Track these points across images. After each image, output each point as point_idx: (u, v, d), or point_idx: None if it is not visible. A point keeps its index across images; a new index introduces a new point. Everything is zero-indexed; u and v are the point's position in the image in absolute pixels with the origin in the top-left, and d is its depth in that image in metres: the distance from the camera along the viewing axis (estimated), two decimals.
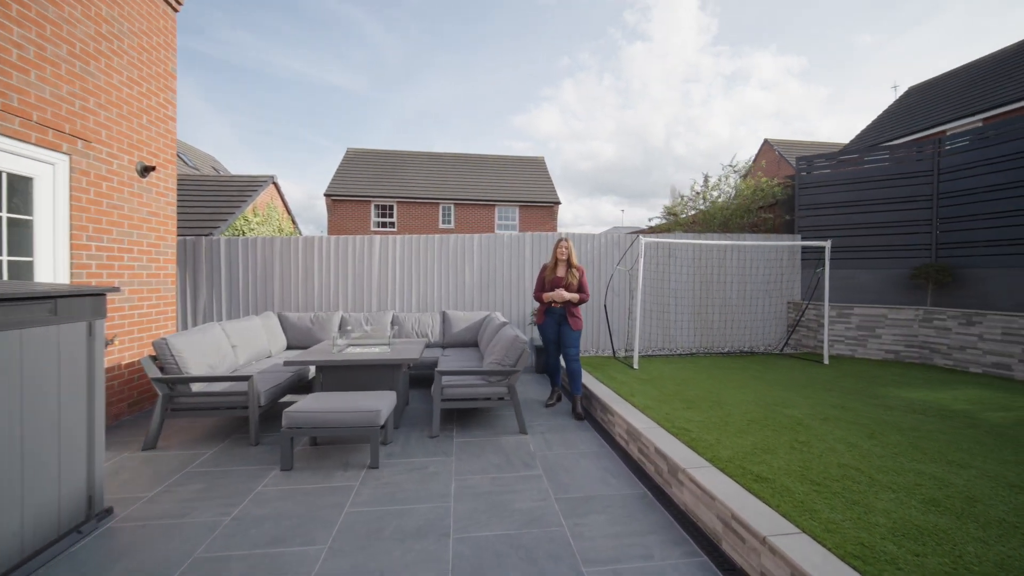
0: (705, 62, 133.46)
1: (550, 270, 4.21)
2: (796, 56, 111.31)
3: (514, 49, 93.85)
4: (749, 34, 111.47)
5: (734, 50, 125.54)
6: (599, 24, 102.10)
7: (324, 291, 6.16)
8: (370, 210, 17.95)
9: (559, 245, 4.19)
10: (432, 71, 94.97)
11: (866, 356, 6.13)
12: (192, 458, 3.23)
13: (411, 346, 4.32)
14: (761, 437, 3.05)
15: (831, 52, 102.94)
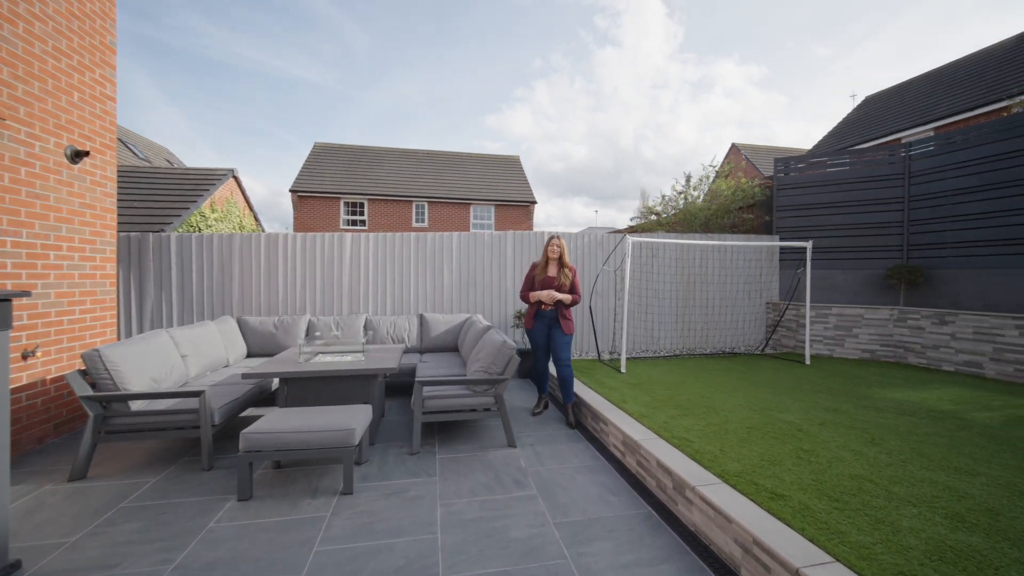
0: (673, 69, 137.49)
1: (540, 269, 3.93)
2: (757, 65, 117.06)
3: (487, 49, 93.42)
4: (714, 43, 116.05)
5: (700, 58, 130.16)
6: (571, 27, 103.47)
7: (289, 293, 5.67)
8: (339, 207, 17.21)
9: (550, 243, 3.92)
10: (403, 68, 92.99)
11: (844, 355, 6.22)
12: (130, 489, 2.77)
13: (388, 353, 3.97)
14: (764, 446, 2.90)
15: (789, 63, 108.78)
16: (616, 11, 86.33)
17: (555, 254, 3.90)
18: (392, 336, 5.31)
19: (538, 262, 4.01)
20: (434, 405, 3.41)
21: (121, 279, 5.23)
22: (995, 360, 4.91)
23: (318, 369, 3.31)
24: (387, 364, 3.46)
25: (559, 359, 3.89)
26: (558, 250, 3.90)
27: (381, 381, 3.93)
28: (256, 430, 2.68)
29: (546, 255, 3.94)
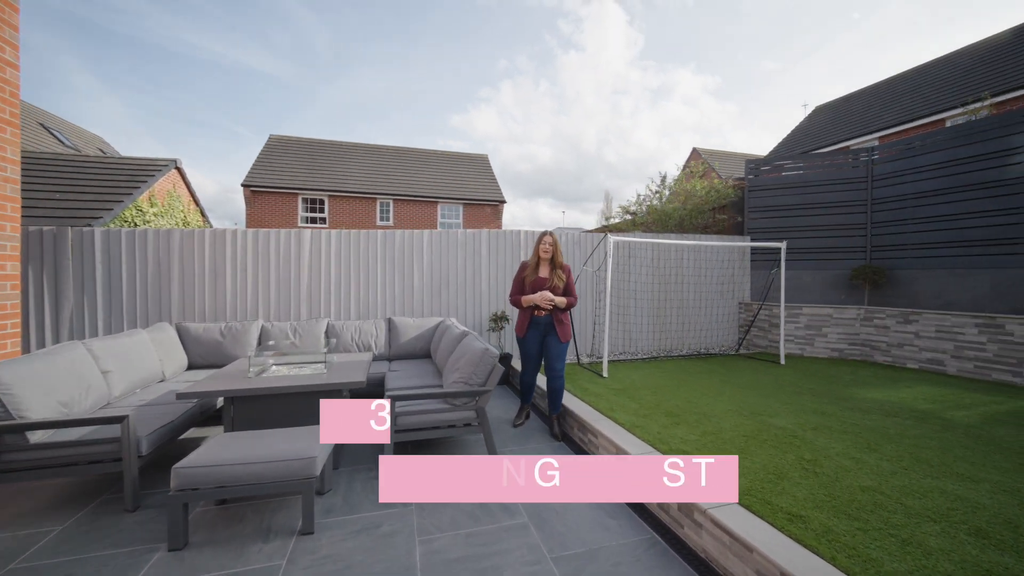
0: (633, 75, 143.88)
1: (531, 270, 3.58)
2: (711, 75, 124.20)
3: (452, 48, 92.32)
4: (672, 52, 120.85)
5: (659, 66, 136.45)
6: (536, 30, 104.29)
7: (239, 296, 5.08)
8: (297, 204, 16.22)
9: (542, 241, 3.57)
10: (366, 64, 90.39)
11: (814, 354, 6.33)
12: (26, 542, 2.24)
13: (353, 363, 3.55)
14: (766, 457, 2.74)
15: (740, 74, 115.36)
16: (579, 16, 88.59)
17: (547, 253, 3.55)
18: (358, 343, 4.85)
19: (528, 262, 3.67)
20: (408, 422, 3.04)
21: (32, 281, 4.48)
22: (956, 358, 5.10)
23: (270, 385, 2.85)
24: (353, 377, 3.05)
25: (553, 369, 3.57)
26: (551, 249, 3.55)
27: (346, 395, 3.51)
28: (192, 463, 2.22)
29: (537, 254, 3.59)
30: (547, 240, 3.56)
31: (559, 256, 3.56)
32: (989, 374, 4.81)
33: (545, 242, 3.56)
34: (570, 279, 3.59)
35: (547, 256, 3.56)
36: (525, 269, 3.63)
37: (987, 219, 5.40)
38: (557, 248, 3.56)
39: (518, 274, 3.66)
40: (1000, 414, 3.64)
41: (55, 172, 8.35)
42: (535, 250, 3.62)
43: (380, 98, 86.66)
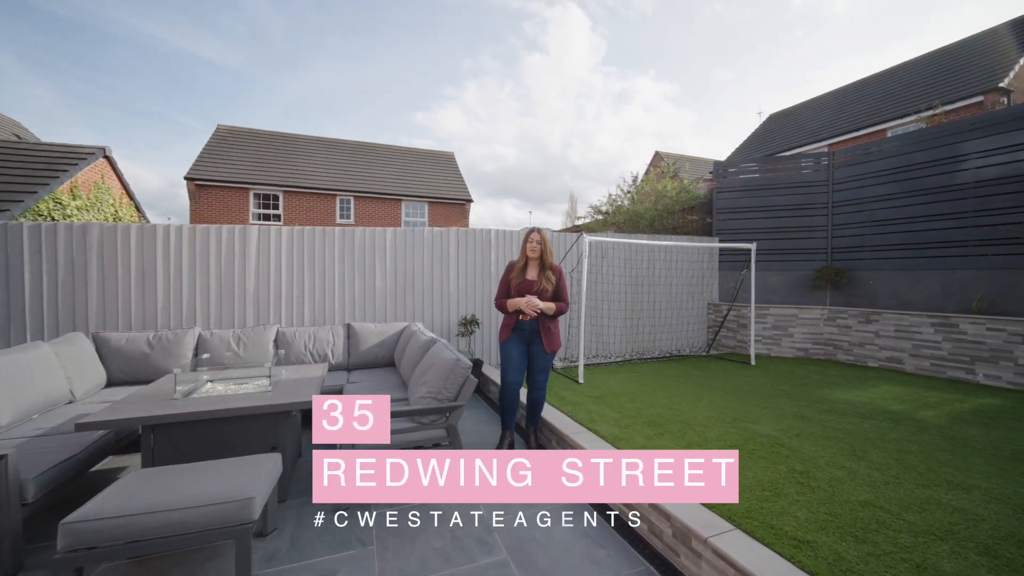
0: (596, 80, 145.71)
1: (517, 271, 3.22)
2: (670, 83, 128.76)
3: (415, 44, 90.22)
4: (633, 59, 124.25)
5: (620, 72, 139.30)
6: (500, 31, 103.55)
7: (173, 301, 4.48)
8: (248, 199, 15.14)
9: (529, 239, 3.19)
10: (324, 55, 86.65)
11: (780, 354, 6.42)
12: None
13: (304, 378, 3.12)
14: (757, 470, 2.59)
15: (696, 83, 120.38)
16: (543, 19, 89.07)
17: (535, 252, 3.17)
18: (312, 352, 4.39)
19: (515, 262, 3.31)
20: None
21: None
22: (914, 356, 5.27)
23: (199, 409, 2.40)
24: (302, 395, 2.64)
25: (535, 380, 3.27)
26: (538, 248, 3.16)
27: (295, 417, 3.09)
28: (87, 516, 1.77)
29: (524, 254, 3.23)
30: (534, 238, 3.18)
31: (548, 256, 3.18)
32: (944, 371, 4.99)
33: (532, 240, 3.18)
34: (562, 282, 3.23)
35: (534, 256, 3.19)
36: (512, 270, 3.27)
37: (937, 222, 5.64)
38: (546, 246, 3.18)
39: (504, 275, 3.30)
40: (964, 413, 3.72)
41: None
42: (522, 249, 3.26)
43: (340, 93, 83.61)
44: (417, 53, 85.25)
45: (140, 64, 74.75)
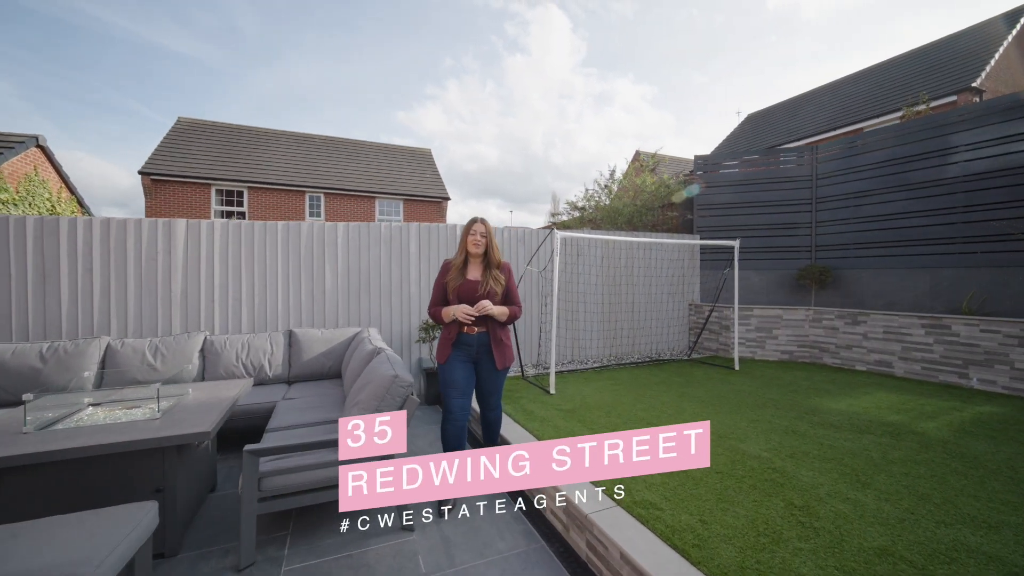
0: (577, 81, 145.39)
1: (456, 271, 2.59)
2: (649, 85, 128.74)
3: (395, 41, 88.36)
4: (612, 61, 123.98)
5: (600, 74, 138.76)
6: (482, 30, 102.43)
7: (82, 306, 3.86)
8: (210, 196, 14.28)
9: (470, 231, 2.61)
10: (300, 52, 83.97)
11: (765, 357, 6.11)
12: None
13: (214, 399, 2.58)
14: (750, 505, 2.18)
15: (674, 86, 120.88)
16: (525, 20, 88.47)
17: (478, 247, 2.58)
18: (246, 363, 3.83)
19: (452, 260, 2.68)
20: (281, 484, 2.16)
21: None
22: (904, 359, 5.01)
23: (47, 448, 1.86)
24: (193, 426, 2.11)
25: (487, 403, 2.73)
26: (482, 241, 2.58)
27: (201, 445, 2.55)
28: None
29: (464, 249, 2.61)
30: (477, 229, 2.60)
31: (494, 251, 2.60)
32: (936, 376, 4.73)
33: (475, 232, 2.60)
34: (511, 282, 2.65)
35: (478, 251, 2.58)
36: (448, 271, 2.64)
37: (924, 218, 5.40)
38: (491, 240, 2.60)
39: (439, 278, 2.67)
40: (966, 424, 3.41)
41: None
42: (461, 243, 2.64)
43: (317, 90, 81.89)
44: (398, 51, 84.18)
45: (108, 57, 71.70)
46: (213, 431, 2.10)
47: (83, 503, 1.97)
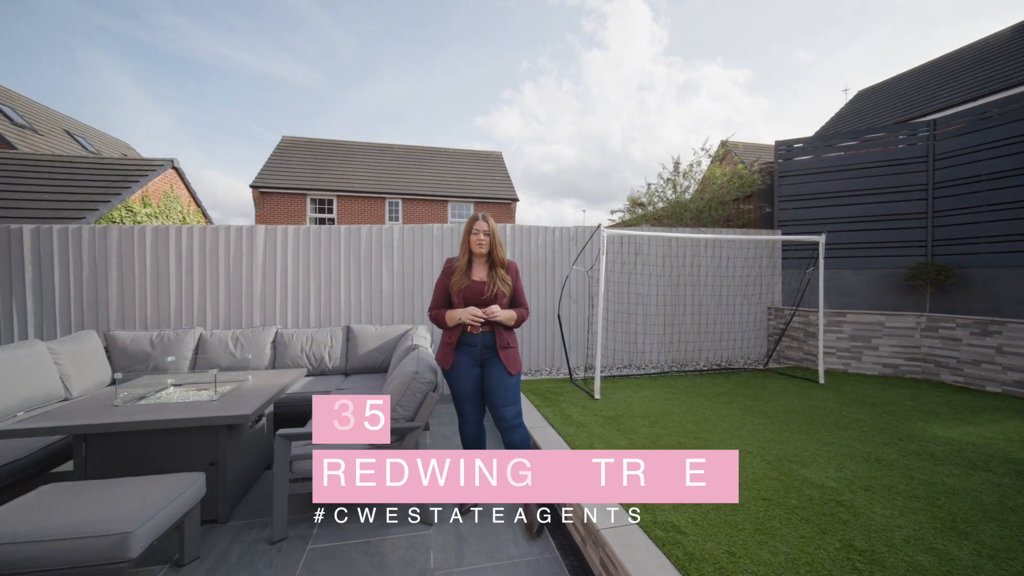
0: (659, 71, 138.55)
1: (460, 273, 2.41)
2: (741, 69, 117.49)
3: (473, 50, 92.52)
4: (698, 47, 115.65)
5: (685, 61, 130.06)
6: (558, 29, 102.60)
7: (184, 301, 4.55)
8: (306, 204, 16.02)
9: (473, 230, 2.43)
10: (389, 69, 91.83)
11: (861, 371, 5.25)
12: None
13: (266, 386, 2.87)
14: (794, 541, 1.87)
15: (772, 67, 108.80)
16: (602, 14, 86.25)
17: (482, 247, 2.40)
18: (309, 355, 4.21)
19: (455, 260, 2.51)
20: (309, 467, 2.33)
21: None
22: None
23: (125, 420, 2.20)
24: (240, 409, 2.36)
25: (503, 419, 2.39)
26: (486, 240, 2.40)
27: (260, 425, 2.85)
28: None
29: (467, 248, 2.43)
30: (480, 228, 2.41)
31: (499, 250, 2.43)
32: None
33: (477, 231, 2.41)
34: (518, 282, 2.49)
35: (482, 251, 2.41)
36: (452, 272, 2.46)
37: None
38: (495, 238, 2.42)
39: (441, 278, 2.50)
40: None
41: (48, 172, 8.21)
42: (464, 242, 2.45)
43: (404, 102, 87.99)
44: (475, 59, 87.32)
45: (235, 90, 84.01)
46: (253, 415, 2.33)
47: (153, 468, 2.31)
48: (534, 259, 5.34)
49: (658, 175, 7.13)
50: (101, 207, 7.17)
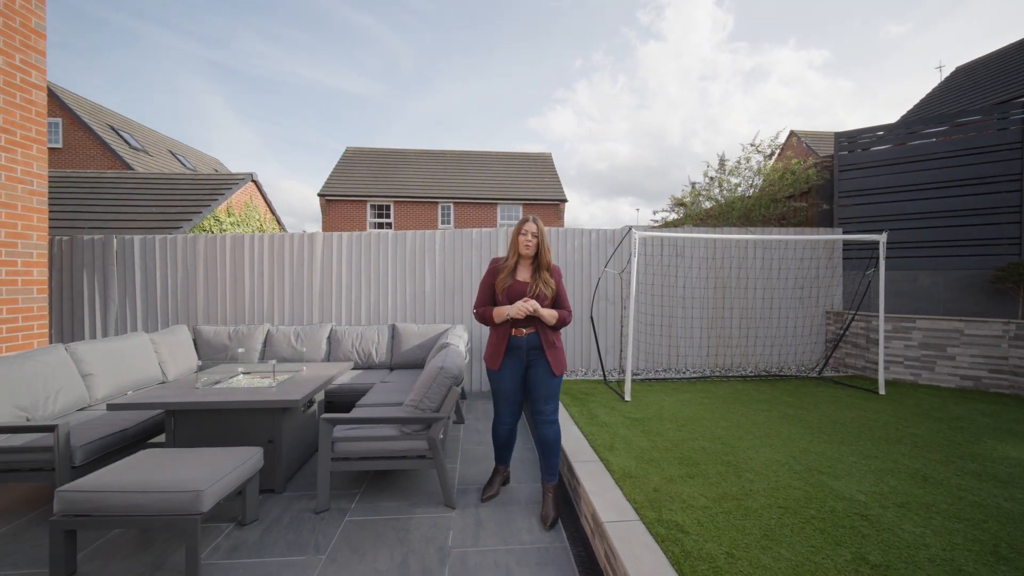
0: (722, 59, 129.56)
1: (506, 273, 2.51)
2: (817, 50, 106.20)
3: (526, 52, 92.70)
4: (767, 29, 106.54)
5: (752, 46, 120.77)
6: (612, 24, 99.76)
7: (256, 300, 5.17)
8: (366, 210, 17.14)
9: (522, 231, 2.52)
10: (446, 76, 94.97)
11: (934, 382, 4.76)
12: None
13: (316, 376, 3.25)
14: (801, 551, 1.84)
15: (855, 45, 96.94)
16: (659, 5, 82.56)
17: (529, 248, 2.49)
18: (358, 350, 4.63)
19: (501, 260, 2.60)
20: (348, 449, 2.63)
21: (85, 285, 4.95)
22: None
23: (200, 400, 2.63)
24: (290, 395, 2.72)
25: (541, 412, 2.51)
26: (533, 242, 2.48)
27: (312, 410, 3.23)
28: (82, 487, 2.03)
29: (515, 250, 2.52)
30: (529, 229, 2.50)
31: (546, 252, 2.50)
32: None
33: (526, 232, 2.50)
34: (561, 286, 2.56)
35: (529, 252, 2.49)
36: (498, 272, 2.55)
37: None
38: (543, 240, 2.49)
39: (487, 277, 2.59)
40: None
41: (154, 189, 9.55)
42: (512, 243, 2.54)
43: (460, 107, 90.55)
44: (527, 61, 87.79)
45: (309, 106, 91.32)
46: (302, 400, 2.69)
47: (224, 441, 2.73)
48: (571, 261, 5.42)
49: (704, 173, 6.87)
50: (194, 217, 8.23)
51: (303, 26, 54.73)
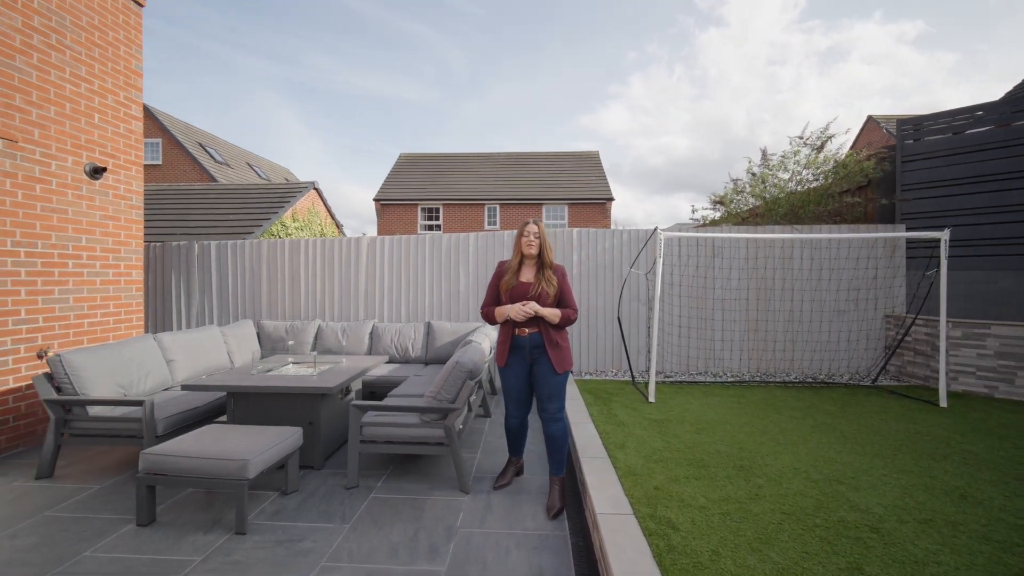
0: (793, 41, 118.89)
1: (511, 273, 2.65)
2: (909, 21, 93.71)
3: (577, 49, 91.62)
4: (845, 4, 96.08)
5: (828, 24, 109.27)
6: (667, 13, 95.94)
7: (311, 299, 5.72)
8: (417, 213, 17.96)
9: (524, 233, 2.65)
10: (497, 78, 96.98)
11: (1013, 396, 4.24)
12: (71, 494, 2.79)
13: (352, 368, 3.60)
14: (793, 556, 1.82)
15: (956, 11, 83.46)
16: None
17: (532, 248, 2.60)
18: (396, 345, 4.99)
19: (507, 262, 2.76)
20: (374, 433, 2.92)
21: (174, 284, 5.77)
22: None
23: (252, 384, 3.05)
24: (325, 383, 3.06)
25: (546, 410, 2.62)
26: (536, 242, 2.60)
27: (341, 397, 3.59)
28: (159, 451, 2.47)
29: (519, 251, 2.65)
30: (531, 230, 2.62)
31: (548, 253, 2.63)
32: None
33: (528, 233, 2.62)
34: (564, 284, 2.65)
35: (532, 252, 2.61)
36: (503, 273, 2.69)
37: None
38: (544, 241, 2.62)
39: (493, 278, 2.75)
40: None
41: (232, 199, 10.71)
42: (516, 245, 2.67)
43: (512, 108, 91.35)
44: (579, 58, 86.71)
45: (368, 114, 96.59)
46: (335, 388, 3.02)
47: (273, 421, 3.12)
48: (601, 262, 5.44)
49: (746, 169, 6.52)
50: (264, 223, 9.16)
51: (364, 39, 58.39)
